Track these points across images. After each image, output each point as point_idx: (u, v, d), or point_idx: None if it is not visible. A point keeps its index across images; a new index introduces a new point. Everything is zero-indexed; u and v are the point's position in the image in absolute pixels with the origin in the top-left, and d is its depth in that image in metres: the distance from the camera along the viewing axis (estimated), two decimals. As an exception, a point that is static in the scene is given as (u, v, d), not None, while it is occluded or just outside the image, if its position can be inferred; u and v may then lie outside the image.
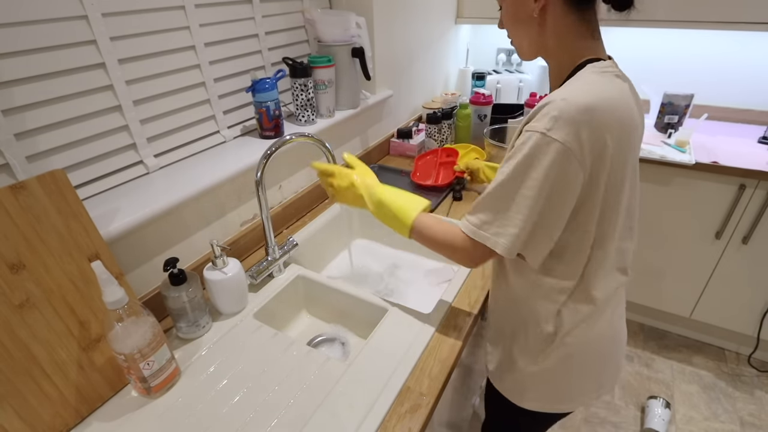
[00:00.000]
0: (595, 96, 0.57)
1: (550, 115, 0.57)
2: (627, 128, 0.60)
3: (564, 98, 0.57)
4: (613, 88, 0.60)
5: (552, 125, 0.56)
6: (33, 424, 0.61)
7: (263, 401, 0.69)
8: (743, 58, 1.75)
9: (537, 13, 0.63)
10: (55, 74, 0.72)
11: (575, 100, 0.56)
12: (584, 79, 0.60)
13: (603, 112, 0.57)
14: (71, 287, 0.64)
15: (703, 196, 1.58)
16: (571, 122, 0.56)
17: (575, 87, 0.59)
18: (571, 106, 0.56)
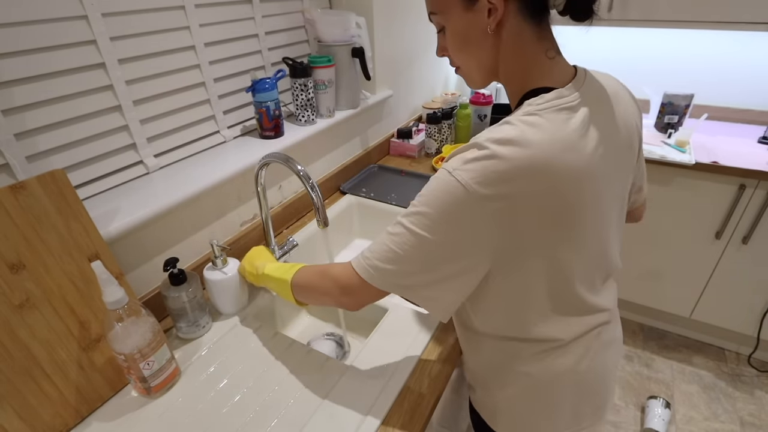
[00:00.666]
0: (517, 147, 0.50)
1: (464, 158, 0.51)
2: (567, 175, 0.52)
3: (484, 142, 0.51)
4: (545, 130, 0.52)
5: (459, 166, 0.51)
6: (33, 424, 0.61)
7: (263, 401, 0.69)
8: (743, 58, 1.75)
9: (492, 28, 0.54)
10: (55, 74, 0.72)
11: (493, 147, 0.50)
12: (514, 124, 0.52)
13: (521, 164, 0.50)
14: (71, 287, 0.64)
15: (703, 196, 1.58)
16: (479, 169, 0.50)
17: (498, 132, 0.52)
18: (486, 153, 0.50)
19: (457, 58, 0.61)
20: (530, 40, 0.55)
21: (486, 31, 0.55)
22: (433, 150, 1.57)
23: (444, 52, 0.62)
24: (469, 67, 0.61)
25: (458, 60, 0.61)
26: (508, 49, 0.56)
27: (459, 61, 0.61)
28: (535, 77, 0.57)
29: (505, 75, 0.59)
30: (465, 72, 0.62)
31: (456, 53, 0.60)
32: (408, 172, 1.44)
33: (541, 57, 0.56)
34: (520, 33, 0.55)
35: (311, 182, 0.78)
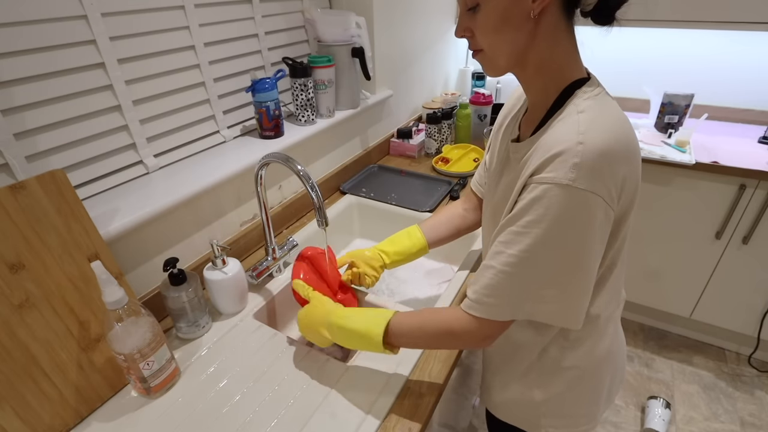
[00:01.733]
0: (610, 132, 0.52)
1: (570, 162, 0.49)
2: (637, 158, 0.57)
3: (580, 141, 0.50)
4: (618, 116, 0.55)
5: (577, 175, 0.49)
6: (33, 425, 0.61)
7: (263, 401, 0.69)
8: (743, 58, 1.75)
9: (536, 13, 0.53)
10: (54, 74, 0.72)
11: (594, 143, 0.50)
12: (588, 110, 0.53)
13: (621, 148, 0.52)
14: (71, 287, 0.64)
15: (703, 196, 1.58)
16: (594, 167, 0.49)
17: (584, 123, 0.52)
18: (591, 150, 0.50)
19: (487, 39, 0.57)
20: (565, 33, 0.56)
21: (528, 15, 0.53)
22: (433, 150, 1.57)
23: (466, 33, 0.58)
24: (496, 52, 0.57)
25: (486, 42, 0.57)
26: (545, 38, 0.55)
27: (486, 43, 0.57)
28: (574, 69, 0.58)
29: (537, 64, 0.58)
30: (489, 56, 0.59)
31: (487, 34, 0.56)
32: (408, 172, 1.44)
33: (574, 50, 0.57)
34: (558, 24, 0.55)
35: (311, 182, 0.77)
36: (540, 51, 0.56)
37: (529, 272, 0.55)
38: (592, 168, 0.49)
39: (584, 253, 0.54)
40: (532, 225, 0.52)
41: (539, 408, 0.74)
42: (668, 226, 1.69)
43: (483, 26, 0.56)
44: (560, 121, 0.55)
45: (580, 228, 0.51)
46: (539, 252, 0.53)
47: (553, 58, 0.57)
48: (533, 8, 0.52)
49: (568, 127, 0.53)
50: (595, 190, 0.50)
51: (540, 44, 0.56)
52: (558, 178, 0.50)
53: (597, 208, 0.51)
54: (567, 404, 0.74)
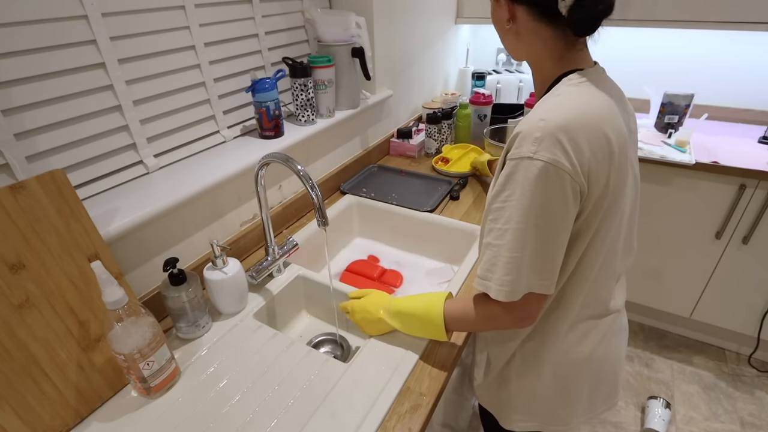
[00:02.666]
0: (573, 111, 0.56)
1: (532, 137, 0.55)
2: (618, 142, 0.59)
3: (542, 118, 0.55)
4: (592, 101, 0.58)
5: (537, 147, 0.54)
6: (33, 425, 0.61)
7: (263, 401, 0.69)
8: (743, 58, 1.75)
9: (507, 24, 0.63)
10: (54, 74, 0.72)
11: (554, 118, 0.55)
12: (561, 95, 0.59)
13: (584, 127, 0.55)
14: (71, 287, 0.64)
15: (703, 196, 1.58)
16: (555, 140, 0.54)
17: (551, 104, 0.58)
18: (550, 125, 0.54)
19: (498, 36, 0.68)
20: (550, 36, 0.61)
21: (507, 22, 0.63)
22: (433, 150, 1.57)
23: None
24: (506, 46, 0.68)
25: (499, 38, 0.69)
26: (527, 40, 0.63)
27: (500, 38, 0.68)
28: (567, 63, 0.62)
29: (532, 61, 0.66)
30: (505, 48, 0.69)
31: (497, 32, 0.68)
32: (408, 171, 1.44)
33: (568, 48, 0.62)
34: (537, 30, 0.61)
35: (311, 182, 0.77)
36: (529, 50, 0.64)
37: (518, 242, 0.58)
38: (551, 141, 0.54)
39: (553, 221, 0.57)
40: (509, 198, 0.58)
41: (511, 399, 0.77)
42: (668, 226, 1.69)
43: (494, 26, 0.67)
44: (538, 104, 0.60)
45: (546, 197, 0.55)
46: (518, 221, 0.57)
47: (542, 56, 0.63)
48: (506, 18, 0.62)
49: (539, 107, 0.59)
50: (556, 162, 0.54)
51: (526, 46, 0.64)
52: (522, 153, 0.55)
53: (559, 177, 0.54)
54: (537, 400, 0.75)
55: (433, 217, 1.19)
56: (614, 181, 0.59)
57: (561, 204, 0.56)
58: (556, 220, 0.57)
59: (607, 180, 0.58)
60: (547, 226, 0.57)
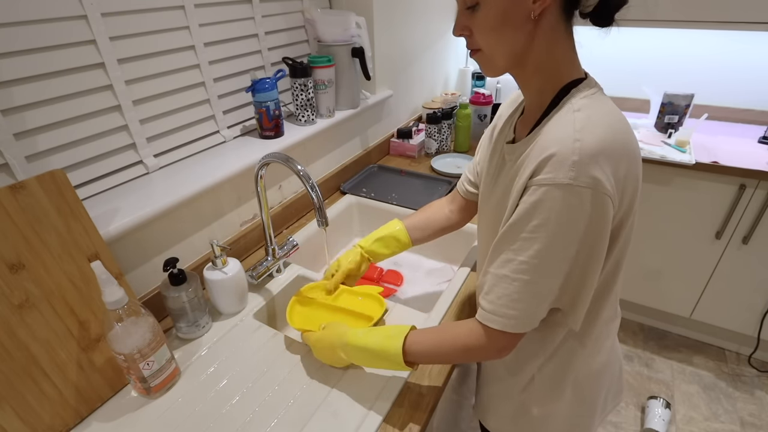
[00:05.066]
0: (607, 129, 0.52)
1: (569, 161, 0.49)
2: (636, 156, 0.56)
3: (577, 139, 0.50)
4: (615, 114, 0.55)
5: (576, 173, 0.49)
6: (33, 425, 0.61)
7: (263, 401, 0.69)
8: (743, 58, 1.75)
9: (536, 14, 0.52)
10: (54, 74, 0.72)
11: (590, 139, 0.50)
12: (582, 111, 0.53)
13: (619, 145, 0.52)
14: (71, 287, 0.64)
15: (703, 196, 1.58)
16: (594, 163, 0.49)
17: (580, 121, 0.52)
18: (588, 146, 0.49)
19: (485, 39, 0.56)
20: (563, 34, 0.55)
21: (528, 16, 0.53)
22: (433, 150, 1.57)
23: (465, 31, 0.57)
24: (495, 52, 0.57)
25: (484, 41, 0.56)
26: (544, 38, 0.55)
27: (485, 42, 0.56)
28: (571, 70, 0.58)
29: (535, 65, 0.57)
30: (487, 56, 0.58)
31: (486, 33, 0.56)
32: (408, 172, 1.44)
33: (572, 51, 0.57)
34: (557, 25, 0.54)
35: (311, 182, 0.77)
36: (538, 52, 0.56)
37: (544, 278, 0.54)
38: (590, 164, 0.49)
39: (593, 251, 0.53)
40: (538, 229, 0.52)
41: (533, 425, 0.74)
42: (668, 226, 1.69)
43: (482, 25, 0.55)
44: (556, 120, 0.54)
45: (585, 225, 0.51)
46: (551, 255, 0.53)
47: (551, 58, 0.56)
48: (533, 9, 0.52)
49: (564, 125, 0.52)
50: (596, 186, 0.49)
51: (538, 45, 0.55)
52: (558, 179, 0.49)
53: (601, 203, 0.50)
54: (560, 420, 0.73)
55: (433, 217, 1.19)
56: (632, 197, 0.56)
57: (604, 231, 0.52)
58: (600, 248, 0.53)
59: (633, 196, 0.56)
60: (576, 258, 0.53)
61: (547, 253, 0.52)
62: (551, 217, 0.51)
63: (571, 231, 0.51)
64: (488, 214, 0.70)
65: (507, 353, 0.61)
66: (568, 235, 0.51)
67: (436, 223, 0.90)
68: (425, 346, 0.64)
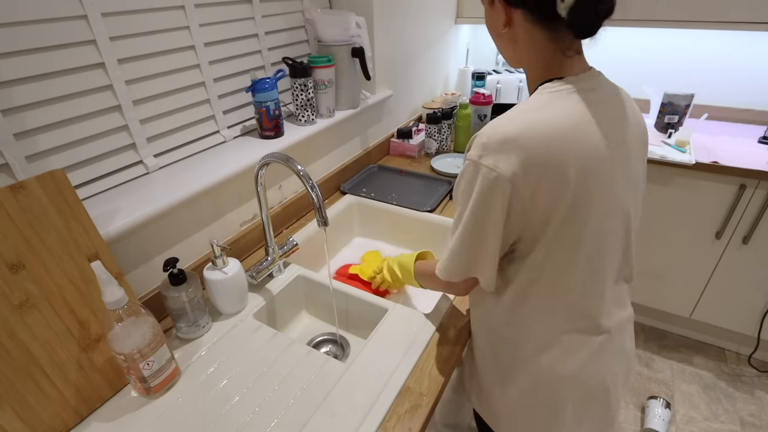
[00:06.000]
0: (530, 122, 0.56)
1: (481, 142, 0.58)
2: (581, 157, 0.57)
3: (495, 125, 0.58)
4: (558, 108, 0.57)
5: (481, 152, 0.57)
6: (33, 425, 0.61)
7: (263, 401, 0.69)
8: (743, 58, 1.75)
9: (503, 29, 0.63)
10: (54, 74, 0.72)
11: (501, 128, 0.57)
12: (527, 103, 0.60)
13: (533, 141, 0.55)
14: (71, 287, 0.64)
15: (703, 196, 1.58)
16: (497, 149, 0.56)
17: (512, 112, 0.59)
18: (496, 134, 0.57)
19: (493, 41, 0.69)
20: (543, 40, 0.60)
21: (503, 27, 0.63)
22: (433, 150, 1.57)
23: None
24: (502, 52, 0.68)
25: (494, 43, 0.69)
26: (522, 45, 0.63)
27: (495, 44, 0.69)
28: (553, 70, 0.62)
29: (526, 65, 0.66)
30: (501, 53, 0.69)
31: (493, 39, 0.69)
32: (408, 171, 1.44)
33: (557, 54, 0.61)
34: (532, 34, 0.61)
35: (311, 182, 0.77)
36: (522, 54, 0.64)
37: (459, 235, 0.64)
38: (495, 148, 0.56)
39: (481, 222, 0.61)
40: (458, 196, 0.63)
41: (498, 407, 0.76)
42: (668, 226, 1.69)
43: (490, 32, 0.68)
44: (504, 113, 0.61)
45: (479, 200, 0.59)
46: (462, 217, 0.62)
47: (532, 60, 0.63)
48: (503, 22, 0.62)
49: (502, 115, 0.59)
50: (496, 168, 0.56)
51: (521, 50, 0.64)
52: (471, 155, 0.59)
53: (496, 184, 0.57)
54: (520, 412, 0.73)
55: (433, 217, 1.19)
56: (572, 199, 0.57)
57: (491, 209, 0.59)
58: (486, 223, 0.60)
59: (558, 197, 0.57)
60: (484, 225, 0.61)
61: (458, 216, 0.64)
62: (465, 186, 0.61)
63: (471, 202, 0.60)
64: None
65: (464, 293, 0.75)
66: (473, 203, 0.60)
67: None
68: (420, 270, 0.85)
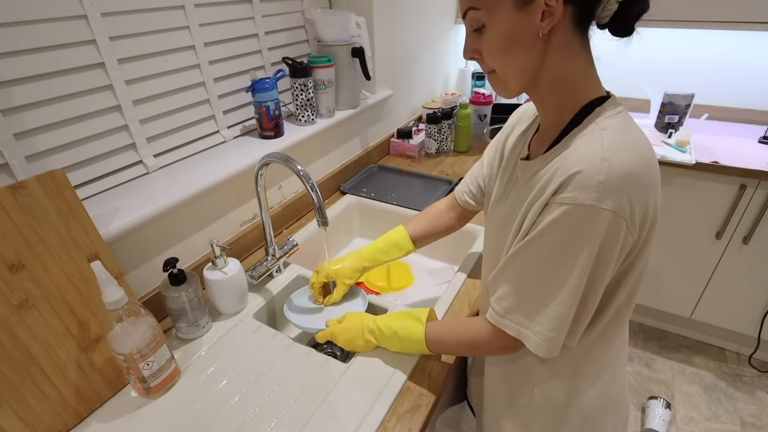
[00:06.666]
0: (636, 152, 0.50)
1: (594, 181, 0.47)
2: (659, 182, 0.54)
3: (605, 158, 0.48)
4: (642, 137, 0.53)
5: (600, 194, 0.47)
6: (32, 425, 0.61)
7: (263, 401, 0.69)
8: (743, 58, 1.75)
9: (545, 32, 0.50)
10: (54, 74, 0.72)
11: (621, 161, 0.48)
12: (610, 128, 0.51)
13: (647, 170, 0.50)
14: (71, 287, 0.64)
15: (703, 196, 1.58)
16: (620, 188, 0.47)
17: (608, 141, 0.50)
18: (617, 168, 0.48)
19: (496, 60, 0.55)
20: (579, 49, 0.53)
21: (537, 34, 0.50)
22: (433, 150, 1.57)
23: (474, 54, 0.56)
24: (506, 73, 0.55)
25: (496, 63, 0.55)
26: (557, 56, 0.53)
27: (496, 64, 0.55)
28: (592, 87, 0.55)
29: (550, 84, 0.55)
30: (501, 77, 0.56)
31: (495, 55, 0.54)
32: (408, 172, 1.44)
33: (590, 67, 0.55)
34: (571, 41, 0.52)
35: (311, 182, 0.77)
36: (552, 70, 0.54)
37: (545, 287, 0.54)
38: (617, 187, 0.47)
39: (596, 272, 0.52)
40: (554, 245, 0.52)
41: None
42: (668, 226, 1.69)
43: (490, 48, 0.54)
44: (581, 139, 0.52)
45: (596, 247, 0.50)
46: (562, 271, 0.53)
47: (567, 76, 0.54)
48: (542, 27, 0.50)
49: (591, 144, 0.50)
50: (619, 211, 0.48)
51: (552, 63, 0.53)
52: (580, 198, 0.48)
53: (619, 229, 0.49)
54: None
55: (433, 217, 1.19)
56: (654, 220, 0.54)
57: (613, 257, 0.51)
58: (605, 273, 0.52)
59: (653, 226, 0.54)
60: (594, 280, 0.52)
61: (559, 269, 0.53)
62: (568, 235, 0.51)
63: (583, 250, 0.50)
64: (495, 228, 0.69)
65: (511, 351, 0.63)
66: (579, 254, 0.51)
67: (436, 230, 0.93)
68: (439, 336, 0.70)
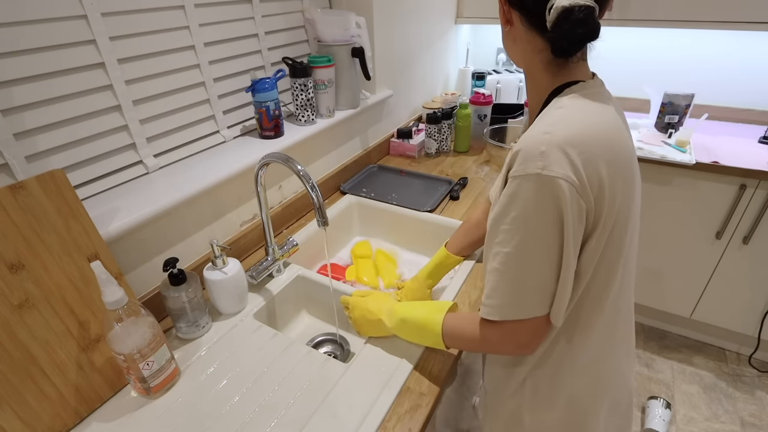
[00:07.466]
0: (582, 124, 0.53)
1: (537, 151, 0.51)
2: (625, 159, 0.55)
3: (546, 131, 0.52)
4: (598, 113, 0.55)
5: (544, 162, 0.50)
6: (32, 425, 0.61)
7: (263, 401, 0.69)
8: (743, 58, 1.75)
9: (506, 27, 0.61)
10: (54, 74, 0.72)
11: (560, 131, 0.51)
12: (564, 108, 0.55)
13: (592, 140, 0.52)
14: (71, 287, 0.64)
15: (703, 196, 1.58)
16: (563, 154, 0.50)
17: (554, 118, 0.54)
18: (556, 138, 0.51)
19: None
20: (543, 47, 0.58)
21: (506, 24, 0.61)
22: (433, 150, 1.57)
23: None
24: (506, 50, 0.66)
25: None
26: (523, 48, 0.61)
27: None
28: (561, 75, 0.60)
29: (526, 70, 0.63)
30: None
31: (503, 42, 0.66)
32: (408, 172, 1.44)
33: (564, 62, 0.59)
34: (531, 39, 0.59)
35: (311, 182, 0.77)
36: (524, 57, 0.62)
37: (527, 265, 0.55)
38: (558, 155, 0.50)
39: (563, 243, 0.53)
40: (516, 220, 0.54)
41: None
42: (668, 226, 1.69)
43: None
44: (539, 117, 0.57)
45: (556, 216, 0.51)
46: (530, 244, 0.54)
47: (536, 66, 0.61)
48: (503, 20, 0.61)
49: (540, 121, 0.55)
50: (566, 177, 0.50)
51: (522, 51, 0.61)
52: (528, 169, 0.51)
53: (570, 194, 0.50)
54: None
55: (433, 217, 1.19)
56: (622, 198, 0.55)
57: (570, 224, 0.52)
58: (569, 241, 0.53)
59: (615, 197, 0.54)
60: (555, 248, 0.53)
61: (527, 242, 0.54)
62: (526, 206, 0.52)
63: (542, 220, 0.52)
64: None
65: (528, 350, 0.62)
66: (540, 224, 0.52)
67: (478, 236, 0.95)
68: (456, 329, 0.68)
